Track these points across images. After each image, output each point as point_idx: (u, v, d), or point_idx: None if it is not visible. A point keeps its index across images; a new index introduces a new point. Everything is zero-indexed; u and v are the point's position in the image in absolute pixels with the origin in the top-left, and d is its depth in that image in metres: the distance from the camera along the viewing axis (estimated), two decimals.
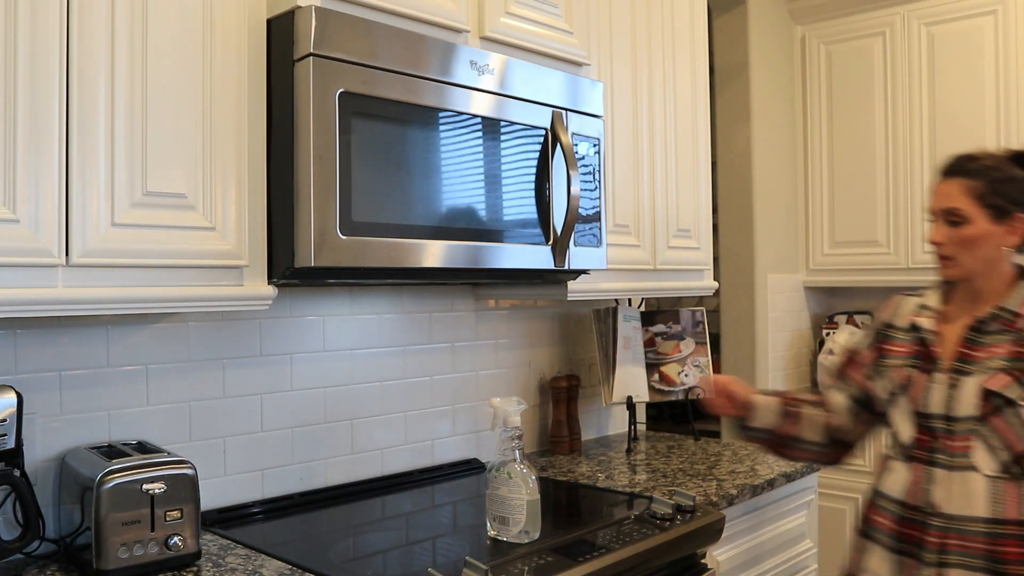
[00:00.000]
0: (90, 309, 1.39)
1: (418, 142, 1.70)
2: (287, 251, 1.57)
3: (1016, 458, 1.51)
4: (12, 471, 1.50)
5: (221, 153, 1.54)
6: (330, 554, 1.67)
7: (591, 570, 1.56)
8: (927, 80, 3.46)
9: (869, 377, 1.76)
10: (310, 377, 2.06)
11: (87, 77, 1.37)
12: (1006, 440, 1.52)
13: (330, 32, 1.54)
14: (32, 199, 1.31)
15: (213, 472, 1.87)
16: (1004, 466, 1.52)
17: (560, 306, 2.69)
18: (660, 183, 2.48)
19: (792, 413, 1.82)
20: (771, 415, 1.83)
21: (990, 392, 1.54)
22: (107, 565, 1.48)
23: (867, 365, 1.77)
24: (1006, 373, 1.54)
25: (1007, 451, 1.52)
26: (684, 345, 2.73)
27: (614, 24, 2.34)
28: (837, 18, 3.72)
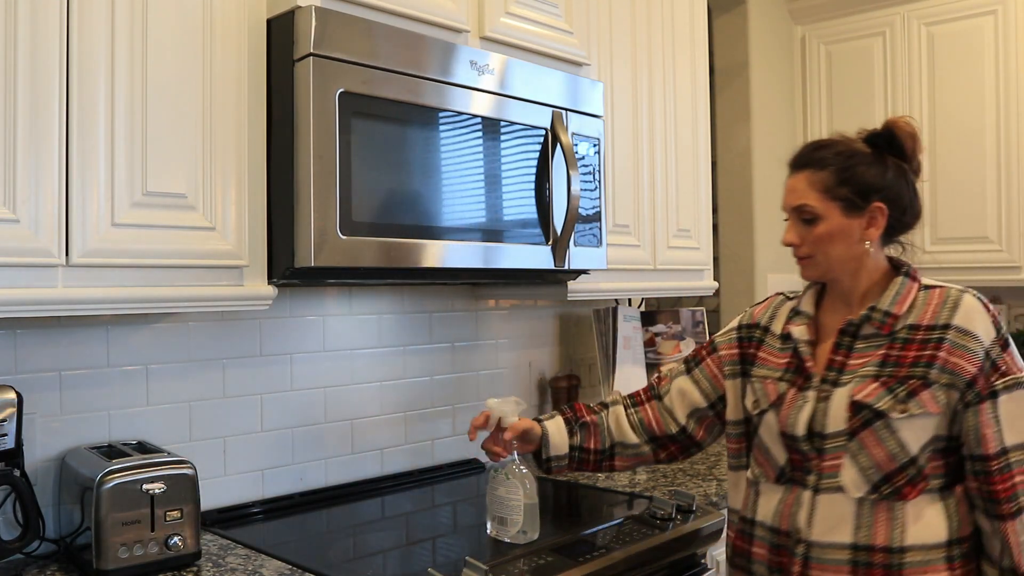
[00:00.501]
0: (90, 309, 1.39)
1: (418, 142, 1.70)
2: (287, 251, 1.57)
3: (887, 477, 1.35)
4: (12, 471, 1.50)
5: (221, 153, 1.54)
6: (330, 554, 1.67)
7: (591, 570, 1.56)
8: (927, 80, 3.45)
9: (726, 376, 1.59)
10: (310, 377, 2.06)
11: (87, 77, 1.37)
12: (876, 458, 1.35)
13: (330, 32, 1.54)
14: (32, 199, 1.31)
15: (213, 472, 1.87)
16: (874, 487, 1.35)
17: (560, 306, 2.69)
18: (660, 183, 2.48)
19: (592, 423, 1.67)
20: (564, 435, 1.66)
21: (858, 404, 1.37)
22: (107, 565, 1.48)
23: (726, 363, 1.60)
24: (876, 380, 1.38)
25: (877, 470, 1.35)
26: (684, 345, 2.72)
27: (614, 24, 2.34)
28: (837, 18, 3.71)
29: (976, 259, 3.35)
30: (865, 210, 1.43)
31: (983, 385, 1.35)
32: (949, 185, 3.41)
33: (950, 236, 3.40)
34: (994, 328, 1.38)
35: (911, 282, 1.45)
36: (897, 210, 1.44)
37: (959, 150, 3.38)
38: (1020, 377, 1.37)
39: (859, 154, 1.44)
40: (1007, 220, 3.29)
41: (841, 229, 1.43)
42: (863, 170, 1.43)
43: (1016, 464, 1.34)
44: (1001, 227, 3.30)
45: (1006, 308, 3.63)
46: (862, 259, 1.45)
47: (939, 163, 3.43)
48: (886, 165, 1.44)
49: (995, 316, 1.39)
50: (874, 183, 1.43)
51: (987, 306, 1.39)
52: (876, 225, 1.43)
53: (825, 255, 1.46)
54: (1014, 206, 3.27)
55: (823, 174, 1.44)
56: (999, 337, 1.37)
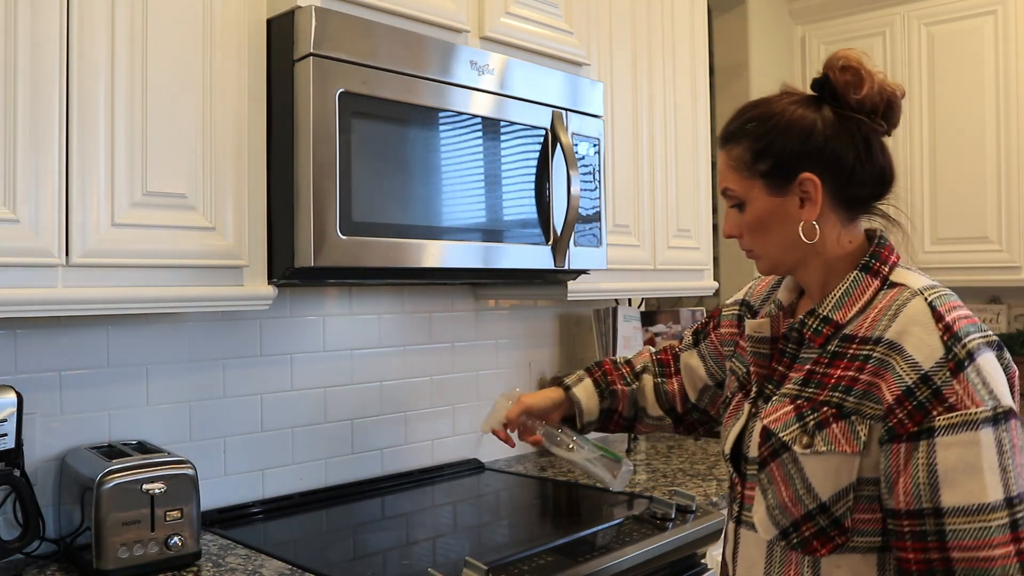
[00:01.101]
0: (90, 309, 1.39)
1: (418, 142, 1.70)
2: (287, 251, 1.57)
3: (795, 524, 1.08)
4: (12, 471, 1.50)
5: (221, 153, 1.54)
6: (330, 554, 1.67)
7: (591, 570, 1.56)
8: (927, 80, 3.46)
9: (725, 357, 1.39)
10: (310, 377, 2.06)
11: (87, 77, 1.37)
12: (781, 498, 1.10)
13: (330, 32, 1.54)
14: (32, 199, 1.31)
15: (213, 472, 1.87)
16: (783, 532, 1.10)
17: (560, 306, 2.69)
18: (660, 183, 2.48)
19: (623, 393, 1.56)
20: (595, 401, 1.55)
21: (766, 430, 1.13)
22: (107, 565, 1.48)
23: (725, 343, 1.40)
24: (792, 403, 1.12)
25: (783, 513, 1.10)
26: None
27: (614, 24, 2.34)
28: (837, 18, 3.72)
29: (976, 259, 3.35)
30: (791, 185, 1.14)
31: (901, 420, 1.01)
32: (949, 185, 3.41)
33: (950, 236, 3.41)
34: (943, 345, 1.01)
35: (868, 278, 1.14)
36: (837, 177, 1.13)
37: (959, 150, 3.39)
38: (971, 414, 0.98)
39: (781, 115, 1.15)
40: (1007, 220, 3.29)
41: (770, 212, 1.16)
42: (784, 134, 1.14)
43: (954, 535, 0.97)
44: (1001, 227, 3.31)
45: (1006, 308, 3.63)
46: (814, 245, 1.15)
47: (939, 163, 3.43)
48: (815, 120, 1.13)
49: (952, 328, 1.03)
50: (796, 149, 1.13)
51: (940, 315, 1.04)
52: (811, 201, 1.13)
53: (762, 246, 1.20)
54: (1014, 206, 3.27)
55: (739, 148, 1.17)
56: (949, 358, 1.01)
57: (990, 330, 1.07)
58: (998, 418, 0.99)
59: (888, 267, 1.15)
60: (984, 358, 1.02)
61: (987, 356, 1.02)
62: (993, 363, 1.03)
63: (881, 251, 1.17)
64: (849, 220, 1.18)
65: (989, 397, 0.99)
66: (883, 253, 1.16)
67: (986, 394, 0.99)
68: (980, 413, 0.98)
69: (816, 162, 1.13)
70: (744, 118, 1.19)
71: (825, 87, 1.15)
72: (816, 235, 1.15)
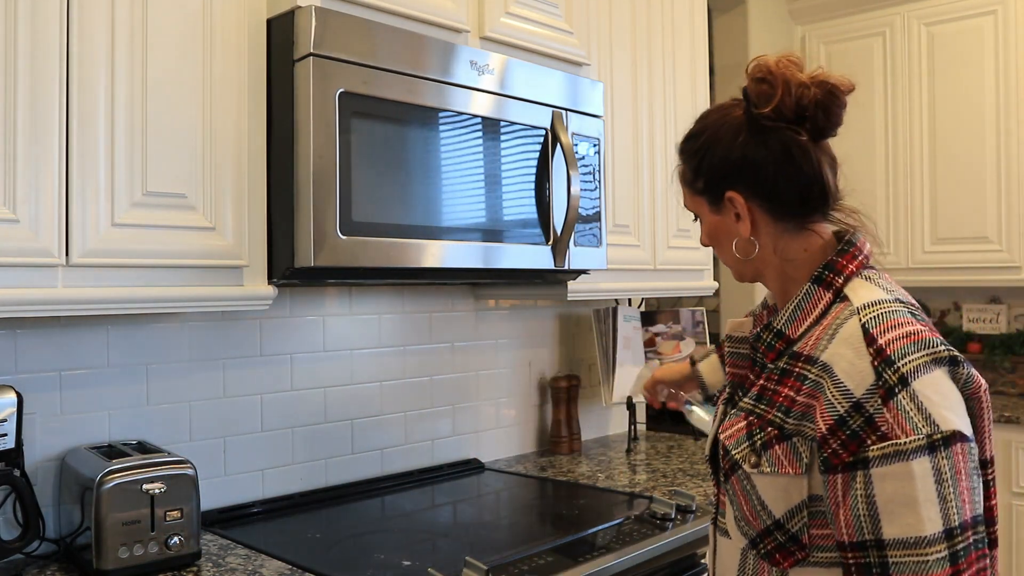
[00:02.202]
0: (90, 309, 1.39)
1: (418, 142, 1.70)
2: (287, 251, 1.57)
3: (760, 536, 1.06)
4: (12, 471, 1.50)
5: (221, 153, 1.54)
6: (330, 554, 1.67)
7: (591, 570, 1.56)
8: (927, 80, 3.46)
9: None
10: (310, 377, 2.06)
11: (87, 77, 1.37)
12: (744, 511, 1.08)
13: (330, 32, 1.54)
14: (32, 199, 1.31)
15: (213, 472, 1.87)
16: (752, 542, 1.08)
17: (560, 306, 2.69)
18: (660, 183, 2.48)
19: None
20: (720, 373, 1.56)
21: (724, 446, 1.11)
22: (107, 565, 1.48)
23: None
24: (745, 418, 1.09)
25: (748, 525, 1.08)
26: (684, 345, 2.72)
27: (614, 24, 2.34)
28: (837, 18, 3.72)
29: (976, 259, 3.35)
30: (723, 202, 1.14)
31: (835, 450, 0.96)
32: (949, 185, 3.41)
33: (950, 236, 3.41)
34: (873, 370, 0.96)
35: (820, 290, 1.08)
36: (761, 191, 1.10)
37: (959, 150, 3.39)
38: (902, 445, 0.93)
39: (710, 131, 1.15)
40: (1007, 220, 3.29)
41: (716, 228, 1.18)
42: (711, 153, 1.13)
43: (896, 567, 0.93)
44: (1001, 227, 3.31)
45: (1006, 308, 3.63)
46: (761, 257, 1.14)
47: (939, 163, 3.43)
48: (736, 135, 1.11)
49: (883, 352, 0.97)
50: (720, 167, 1.12)
51: (872, 337, 0.98)
52: (742, 218, 1.12)
53: (722, 257, 1.20)
54: (1014, 206, 3.28)
55: (684, 167, 1.20)
56: (879, 384, 0.95)
57: (944, 345, 0.99)
58: (935, 445, 0.93)
59: (843, 278, 1.08)
60: (924, 381, 0.95)
61: (929, 377, 0.96)
62: (937, 384, 0.96)
63: (838, 260, 1.10)
64: (798, 229, 1.12)
65: (924, 424, 0.93)
66: (840, 263, 1.09)
67: (920, 421, 0.93)
68: (912, 443, 0.93)
69: (737, 178, 1.11)
70: (688, 132, 1.20)
71: (747, 98, 1.12)
72: (753, 250, 1.13)
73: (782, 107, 1.08)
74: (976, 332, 3.65)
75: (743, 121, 1.12)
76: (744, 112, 1.13)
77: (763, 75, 1.09)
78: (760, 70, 1.09)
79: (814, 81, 1.10)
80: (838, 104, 1.11)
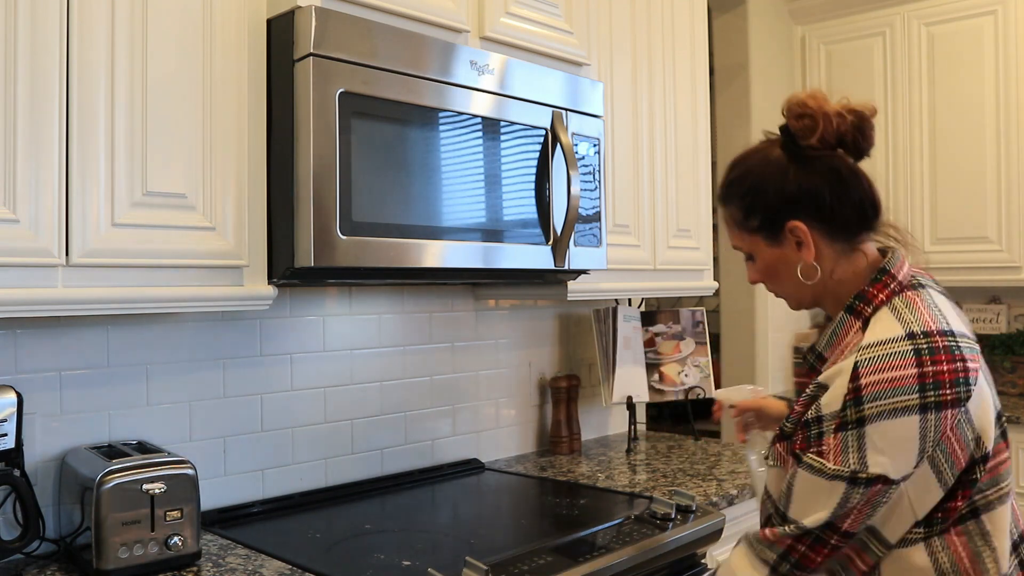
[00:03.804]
0: (90, 309, 1.39)
1: (418, 142, 1.70)
2: (287, 251, 1.57)
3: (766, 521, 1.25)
4: (12, 471, 1.50)
5: (221, 153, 1.54)
6: (330, 554, 1.67)
7: (591, 570, 1.56)
8: (927, 80, 3.46)
9: None
10: (310, 377, 2.06)
11: (87, 77, 1.37)
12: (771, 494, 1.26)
13: (330, 32, 1.54)
14: (32, 199, 1.31)
15: (213, 472, 1.87)
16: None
17: (560, 306, 2.69)
18: (660, 183, 2.48)
19: None
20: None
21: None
22: (107, 565, 1.48)
23: None
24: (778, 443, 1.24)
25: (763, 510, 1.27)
26: (684, 345, 2.72)
27: (614, 24, 2.34)
28: (837, 18, 3.72)
29: (976, 259, 3.35)
30: (783, 233, 1.24)
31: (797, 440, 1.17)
32: (949, 185, 3.41)
33: (950, 236, 3.41)
34: (842, 403, 1.11)
35: (851, 319, 1.22)
36: (822, 216, 1.22)
37: (959, 150, 3.39)
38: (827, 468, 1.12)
39: (756, 171, 1.26)
40: (1007, 220, 3.29)
41: (775, 261, 1.27)
42: (763, 190, 1.24)
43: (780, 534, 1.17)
44: (1001, 227, 3.31)
45: (1006, 308, 3.63)
46: (822, 286, 1.25)
47: (939, 163, 3.43)
48: (786, 169, 1.23)
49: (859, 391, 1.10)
50: (776, 202, 1.23)
51: (857, 375, 1.11)
52: (805, 244, 1.23)
53: (780, 289, 1.32)
54: (1014, 206, 3.28)
55: (732, 209, 1.30)
56: (840, 414, 1.11)
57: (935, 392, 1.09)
58: (856, 481, 1.10)
59: (872, 307, 1.20)
60: (880, 427, 1.09)
61: (888, 424, 1.09)
62: (893, 431, 1.09)
63: (869, 290, 1.21)
64: (850, 250, 1.24)
65: (856, 462, 1.10)
66: (870, 292, 1.21)
67: (854, 459, 1.10)
68: (834, 471, 1.11)
69: (797, 208, 1.22)
70: (729, 178, 1.30)
71: (789, 133, 1.24)
72: (816, 274, 1.24)
73: (825, 136, 1.20)
74: (976, 332, 3.65)
75: (786, 156, 1.24)
76: (784, 147, 1.25)
77: (803, 111, 1.21)
78: (799, 107, 1.21)
79: (845, 109, 1.21)
80: (870, 126, 1.22)
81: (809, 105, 1.20)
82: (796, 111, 1.21)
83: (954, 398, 1.10)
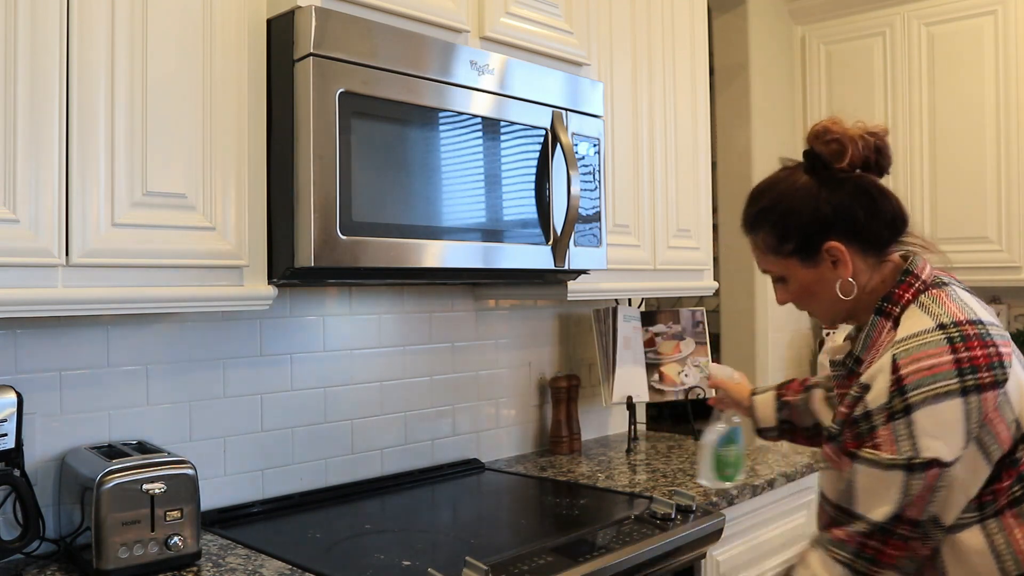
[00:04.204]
0: (90, 309, 1.39)
1: (418, 142, 1.70)
2: (287, 251, 1.57)
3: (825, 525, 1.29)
4: (12, 471, 1.50)
5: (221, 153, 1.54)
6: (330, 554, 1.67)
7: (591, 570, 1.56)
8: (927, 80, 3.46)
9: None
10: (310, 377, 2.06)
11: (87, 77, 1.37)
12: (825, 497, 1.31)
13: (330, 32, 1.54)
14: (32, 199, 1.31)
15: (213, 472, 1.87)
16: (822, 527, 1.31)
17: (560, 306, 2.69)
18: (660, 183, 2.48)
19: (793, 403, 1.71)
20: (772, 411, 1.73)
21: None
22: (107, 565, 1.48)
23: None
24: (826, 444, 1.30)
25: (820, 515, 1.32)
26: (684, 345, 2.72)
27: (614, 24, 2.34)
28: (837, 18, 3.72)
29: (976, 259, 3.35)
30: (820, 254, 1.30)
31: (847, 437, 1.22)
32: (949, 185, 3.41)
33: (950, 236, 3.40)
34: (888, 395, 1.17)
35: (882, 321, 1.28)
36: (856, 233, 1.29)
37: (959, 150, 3.39)
38: (884, 459, 1.17)
39: (787, 197, 1.31)
40: (1007, 220, 3.29)
41: (811, 281, 1.33)
42: (797, 215, 1.30)
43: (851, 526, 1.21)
44: (1001, 227, 3.31)
45: (1006, 308, 3.63)
46: (857, 296, 1.32)
47: (939, 163, 3.43)
48: (818, 193, 1.29)
49: (901, 381, 1.16)
50: (812, 224, 1.29)
51: (897, 367, 1.17)
52: (842, 262, 1.29)
53: (814, 308, 1.38)
54: (1014, 206, 3.28)
55: (763, 235, 1.34)
56: (887, 406, 1.17)
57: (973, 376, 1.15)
58: (912, 467, 1.15)
59: (899, 307, 1.27)
60: (926, 411, 1.15)
61: (934, 408, 1.14)
62: (939, 415, 1.14)
63: (895, 291, 1.28)
64: (879, 262, 1.32)
65: (909, 448, 1.15)
66: (896, 293, 1.28)
67: (907, 445, 1.15)
68: (891, 461, 1.16)
69: (833, 229, 1.28)
70: (757, 207, 1.35)
71: (816, 158, 1.30)
72: (854, 290, 1.30)
73: (853, 159, 1.27)
74: None
75: (813, 180, 1.30)
76: (809, 172, 1.31)
77: (830, 136, 1.28)
78: (826, 133, 1.28)
79: (866, 132, 1.29)
80: (887, 146, 1.31)
81: (834, 130, 1.28)
82: (824, 137, 1.28)
83: (991, 380, 1.15)
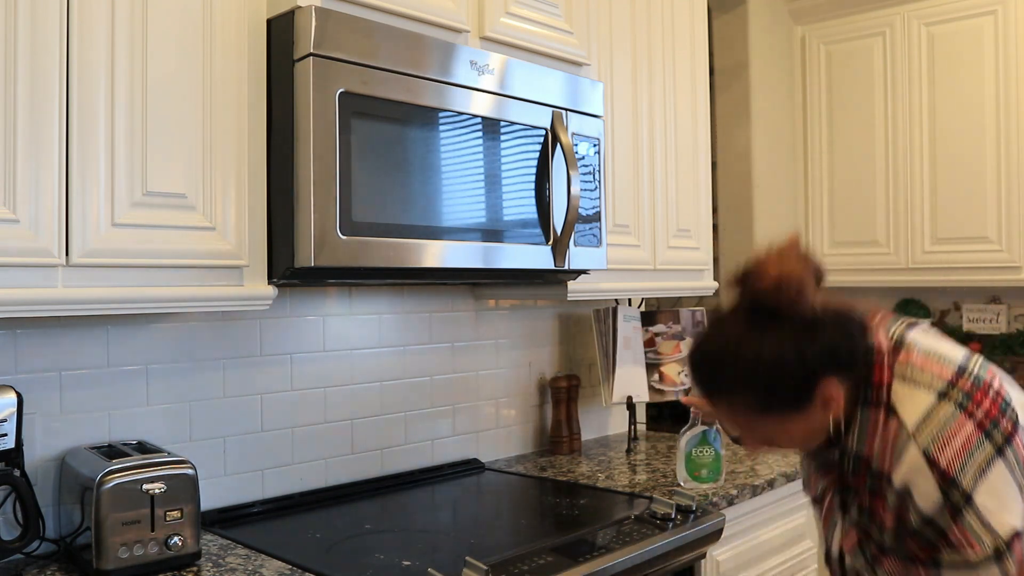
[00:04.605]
0: (90, 309, 1.39)
1: (418, 142, 1.70)
2: (287, 251, 1.57)
3: None
4: (12, 471, 1.50)
5: (221, 153, 1.54)
6: (330, 554, 1.67)
7: (591, 570, 1.56)
8: (927, 80, 3.45)
9: None
10: (310, 377, 2.06)
11: (87, 77, 1.37)
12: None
13: (330, 32, 1.54)
14: (32, 199, 1.31)
15: (213, 472, 1.87)
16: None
17: (560, 306, 2.69)
18: (660, 183, 2.48)
19: None
20: None
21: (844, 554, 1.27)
22: (107, 565, 1.48)
23: None
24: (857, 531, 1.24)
25: None
26: (684, 345, 2.72)
27: (614, 24, 2.34)
28: (837, 18, 3.72)
29: (976, 259, 3.35)
30: (813, 397, 1.16)
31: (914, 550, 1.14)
32: (949, 185, 3.41)
33: (950, 236, 3.41)
34: (940, 492, 1.09)
35: (872, 411, 1.18)
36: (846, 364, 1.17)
37: (959, 150, 3.38)
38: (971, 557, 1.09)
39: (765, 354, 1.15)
40: (1007, 220, 3.29)
41: (805, 425, 1.20)
42: (784, 370, 1.15)
43: None
44: (1001, 227, 3.31)
45: (1006, 308, 3.63)
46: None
47: (939, 163, 3.43)
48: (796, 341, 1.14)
49: (947, 474, 1.09)
50: (800, 375, 1.15)
51: (935, 461, 1.10)
52: (835, 398, 1.16)
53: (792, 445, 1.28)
54: (1014, 206, 3.27)
55: (742, 397, 1.19)
56: (946, 503, 1.09)
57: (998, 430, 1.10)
58: (1000, 553, 1.08)
59: (885, 390, 1.17)
60: (983, 490, 1.08)
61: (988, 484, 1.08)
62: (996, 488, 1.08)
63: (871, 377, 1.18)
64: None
65: (989, 537, 1.08)
66: (874, 379, 1.18)
67: (986, 536, 1.08)
68: (979, 557, 1.08)
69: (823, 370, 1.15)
70: (726, 377, 1.19)
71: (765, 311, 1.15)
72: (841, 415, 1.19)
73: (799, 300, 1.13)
74: (976, 332, 3.65)
75: (788, 330, 1.15)
76: (778, 323, 1.15)
77: (782, 283, 1.13)
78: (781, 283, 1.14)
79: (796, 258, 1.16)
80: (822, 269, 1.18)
81: (785, 280, 1.14)
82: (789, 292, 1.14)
83: (1012, 425, 1.12)
